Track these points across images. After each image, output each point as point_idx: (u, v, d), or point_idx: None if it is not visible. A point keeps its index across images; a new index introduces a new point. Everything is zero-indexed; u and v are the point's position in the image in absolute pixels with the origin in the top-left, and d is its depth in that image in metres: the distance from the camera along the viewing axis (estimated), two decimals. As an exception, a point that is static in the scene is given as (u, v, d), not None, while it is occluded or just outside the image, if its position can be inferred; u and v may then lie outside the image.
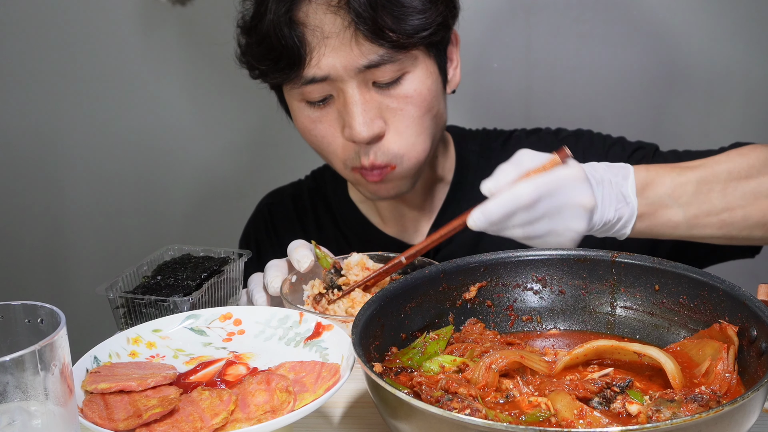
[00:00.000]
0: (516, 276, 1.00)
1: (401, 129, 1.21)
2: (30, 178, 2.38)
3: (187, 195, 2.36)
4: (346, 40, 1.15)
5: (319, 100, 1.21)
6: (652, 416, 0.76)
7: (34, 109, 2.32)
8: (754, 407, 0.71)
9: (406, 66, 1.19)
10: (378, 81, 1.19)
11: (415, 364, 0.89)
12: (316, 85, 1.19)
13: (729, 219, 1.09)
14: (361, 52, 1.16)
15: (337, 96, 1.20)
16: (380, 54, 1.16)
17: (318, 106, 1.22)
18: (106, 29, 2.23)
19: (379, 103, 1.20)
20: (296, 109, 1.25)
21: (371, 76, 1.18)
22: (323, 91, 1.20)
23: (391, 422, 0.76)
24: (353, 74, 1.17)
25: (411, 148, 1.23)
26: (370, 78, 1.18)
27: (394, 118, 1.21)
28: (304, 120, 1.24)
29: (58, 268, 2.46)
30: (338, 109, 1.21)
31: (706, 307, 0.90)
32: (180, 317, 0.98)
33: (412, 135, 1.22)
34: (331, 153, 1.25)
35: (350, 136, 1.19)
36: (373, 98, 1.19)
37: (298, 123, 1.26)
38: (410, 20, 1.16)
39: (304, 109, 1.24)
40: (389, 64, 1.17)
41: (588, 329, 0.99)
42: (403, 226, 1.42)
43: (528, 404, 0.81)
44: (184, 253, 1.21)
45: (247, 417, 0.80)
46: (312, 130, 1.24)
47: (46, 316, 0.70)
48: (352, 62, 1.16)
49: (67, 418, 0.69)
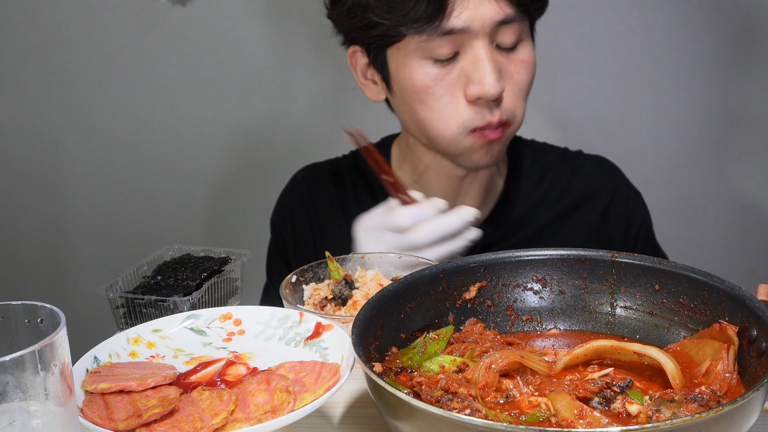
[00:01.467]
0: (516, 276, 1.00)
1: (515, 91, 1.27)
2: (30, 178, 2.38)
3: (187, 195, 2.36)
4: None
5: (446, 57, 1.23)
6: (652, 416, 0.76)
7: (33, 109, 2.32)
8: (754, 407, 0.71)
9: (522, 34, 1.26)
10: (501, 43, 1.24)
11: (415, 364, 0.89)
12: (449, 39, 1.22)
13: None
14: (499, 8, 1.21)
15: (464, 53, 1.23)
16: (514, 12, 1.22)
17: (443, 63, 1.24)
18: (106, 29, 2.23)
19: (501, 63, 1.25)
20: (415, 67, 1.25)
21: (497, 37, 1.23)
22: (453, 47, 1.23)
23: (391, 422, 0.76)
24: (486, 30, 1.21)
25: (519, 111, 1.29)
26: (494, 39, 1.23)
27: (510, 81, 1.26)
28: (424, 78, 1.25)
29: (58, 268, 2.46)
30: (463, 66, 1.24)
31: (706, 307, 0.90)
32: (180, 317, 0.98)
33: (521, 99, 1.29)
34: (448, 115, 1.26)
35: (480, 92, 1.22)
36: (497, 58, 1.24)
37: (415, 81, 1.26)
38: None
39: (425, 67, 1.25)
40: (516, 26, 1.23)
41: (588, 329, 0.99)
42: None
43: (528, 404, 0.81)
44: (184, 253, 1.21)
45: (247, 417, 0.80)
46: (432, 87, 1.25)
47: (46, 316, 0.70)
48: (490, 16, 1.20)
49: (67, 418, 0.69)
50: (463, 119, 1.26)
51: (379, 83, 1.35)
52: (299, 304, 1.09)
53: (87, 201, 2.38)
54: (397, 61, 1.27)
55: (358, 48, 1.33)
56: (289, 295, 1.09)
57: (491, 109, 1.25)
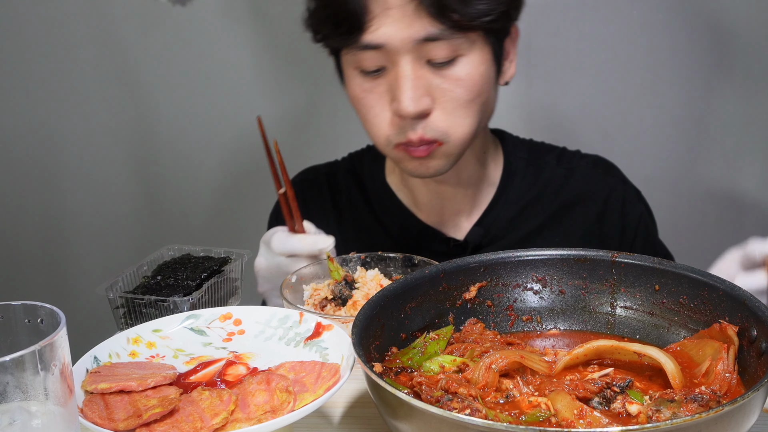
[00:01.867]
0: (516, 276, 1.00)
1: (448, 109, 1.23)
2: (30, 178, 2.38)
3: (186, 195, 2.36)
4: (407, 13, 1.17)
5: (372, 70, 1.23)
6: (652, 416, 0.76)
7: (33, 108, 2.32)
8: (754, 407, 0.71)
9: (462, 49, 1.21)
10: (432, 59, 1.20)
11: (415, 364, 0.89)
12: (371, 54, 1.21)
13: None
14: (422, 26, 1.17)
15: (390, 69, 1.22)
16: (439, 29, 1.18)
17: (371, 76, 1.23)
18: (106, 29, 2.23)
19: (430, 81, 1.21)
20: (350, 76, 1.27)
21: (426, 53, 1.19)
22: (377, 62, 1.21)
23: (391, 422, 0.76)
24: (409, 47, 1.18)
25: (457, 128, 1.25)
26: (425, 55, 1.20)
27: (443, 98, 1.23)
28: (356, 88, 1.26)
29: (58, 268, 2.46)
30: (389, 82, 1.22)
31: (706, 307, 0.90)
32: (180, 317, 0.98)
33: (459, 117, 1.24)
34: (377, 126, 1.26)
35: (397, 109, 1.21)
36: (425, 75, 1.21)
37: (350, 91, 1.28)
38: (475, 3, 1.19)
39: (357, 78, 1.25)
40: (445, 43, 1.19)
41: (588, 329, 0.99)
42: (441, 217, 1.43)
43: (528, 404, 0.81)
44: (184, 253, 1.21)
45: (247, 417, 0.80)
46: (362, 99, 1.26)
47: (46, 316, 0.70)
48: (410, 35, 1.18)
49: (67, 418, 0.69)
50: (388, 133, 1.25)
51: None
52: (299, 304, 1.09)
53: (87, 201, 2.38)
54: (344, 68, 1.29)
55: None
56: (289, 295, 1.09)
57: (413, 127, 1.22)
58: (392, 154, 1.29)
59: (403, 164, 1.29)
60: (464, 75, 1.22)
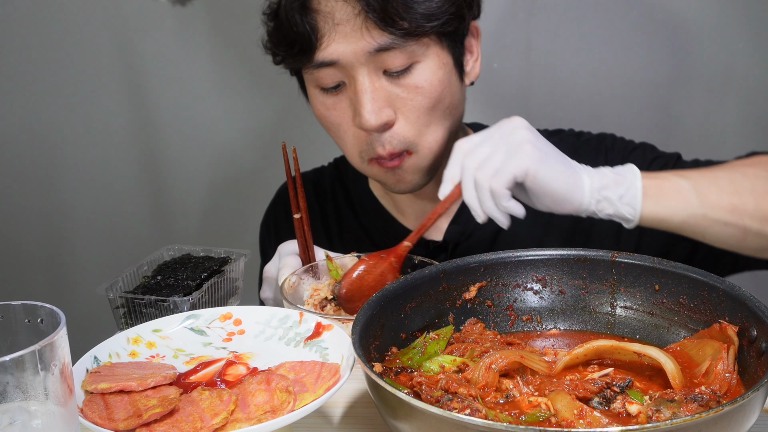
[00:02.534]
0: (516, 276, 1.00)
1: (412, 119, 1.22)
2: (30, 178, 2.38)
3: (186, 195, 2.36)
4: (356, 27, 1.16)
5: (331, 87, 1.22)
6: (652, 416, 0.76)
7: (33, 108, 2.32)
8: (754, 407, 0.71)
9: (417, 55, 1.20)
10: (388, 69, 1.19)
11: (415, 364, 0.89)
12: (327, 71, 1.20)
13: (740, 205, 1.06)
14: (372, 38, 1.16)
15: (348, 83, 1.21)
16: (390, 39, 1.17)
17: (331, 92, 1.23)
18: (106, 29, 2.23)
19: (389, 92, 1.20)
20: (312, 95, 1.27)
21: (381, 63, 1.19)
22: (335, 78, 1.21)
23: (391, 422, 0.76)
24: (363, 60, 1.18)
25: (423, 137, 1.24)
26: (380, 66, 1.19)
27: (404, 108, 1.21)
28: (319, 106, 1.26)
29: (58, 268, 2.46)
30: (350, 96, 1.22)
31: (706, 307, 0.90)
32: (180, 317, 0.98)
33: (423, 125, 1.23)
34: (346, 142, 1.26)
35: (359, 123, 1.20)
36: (383, 87, 1.20)
37: (314, 109, 1.28)
38: (421, 9, 1.17)
39: (318, 96, 1.25)
40: (399, 51, 1.18)
41: (588, 329, 0.99)
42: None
43: (528, 404, 0.81)
44: (184, 253, 1.21)
45: (247, 417, 0.80)
46: (327, 116, 1.26)
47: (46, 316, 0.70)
48: (362, 47, 1.17)
49: (67, 418, 0.69)
50: (359, 149, 1.25)
51: None
52: (299, 304, 1.09)
53: (87, 201, 2.38)
54: (307, 87, 1.29)
55: None
56: (289, 295, 1.09)
57: (379, 141, 1.22)
58: (368, 171, 1.28)
59: (381, 180, 1.29)
60: (422, 81, 1.20)
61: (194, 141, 2.31)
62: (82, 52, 2.25)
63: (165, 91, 2.27)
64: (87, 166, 2.35)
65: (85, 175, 2.36)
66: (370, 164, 1.26)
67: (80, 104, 2.30)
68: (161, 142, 2.32)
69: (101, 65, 2.26)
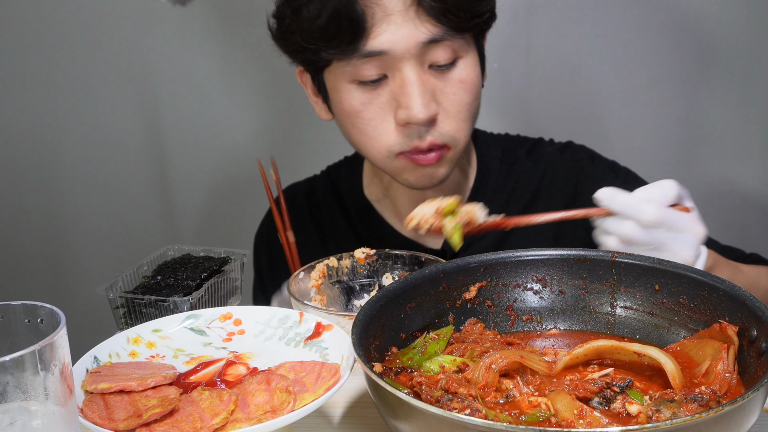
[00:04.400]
0: (516, 276, 1.00)
1: (452, 113, 1.22)
2: (30, 178, 2.38)
3: (186, 195, 2.36)
4: (408, 18, 1.16)
5: (372, 80, 1.20)
6: (652, 416, 0.76)
7: (33, 108, 2.32)
8: (754, 407, 0.71)
9: (461, 51, 1.21)
10: (434, 62, 1.20)
11: (415, 364, 0.89)
12: (373, 62, 1.19)
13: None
14: (425, 29, 1.17)
15: (392, 77, 1.20)
16: (442, 31, 1.18)
17: (370, 86, 1.21)
18: (106, 29, 2.23)
19: (434, 85, 1.21)
20: (344, 91, 1.23)
21: (428, 57, 1.19)
22: (379, 70, 1.20)
23: (391, 422, 0.76)
24: (413, 52, 1.17)
25: (461, 132, 1.25)
26: (426, 59, 1.19)
27: (446, 102, 1.22)
28: (352, 102, 1.23)
29: (58, 268, 2.46)
30: (392, 90, 1.21)
31: (706, 307, 0.90)
32: (180, 317, 0.98)
33: (462, 119, 1.24)
34: (376, 138, 1.24)
35: (407, 117, 1.19)
36: (429, 80, 1.20)
37: (343, 106, 1.24)
38: (474, 4, 1.19)
39: (353, 91, 1.22)
40: (446, 45, 1.19)
41: (588, 329, 0.99)
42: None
43: (528, 404, 0.81)
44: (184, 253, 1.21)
45: (247, 417, 0.80)
46: (361, 112, 1.23)
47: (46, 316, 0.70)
48: (413, 39, 1.17)
49: (67, 418, 0.69)
50: (390, 143, 1.23)
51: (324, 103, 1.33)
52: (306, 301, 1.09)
53: (87, 201, 2.38)
54: (330, 84, 1.26)
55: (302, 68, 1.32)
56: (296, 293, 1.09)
57: (421, 134, 1.21)
58: (393, 165, 1.26)
59: (404, 175, 1.27)
60: (465, 77, 1.22)
61: (194, 141, 2.31)
62: (83, 52, 2.25)
63: (165, 91, 2.27)
64: (87, 167, 2.35)
65: (85, 175, 2.36)
66: (398, 158, 1.24)
67: (80, 104, 2.30)
68: (161, 143, 2.32)
69: (102, 65, 2.26)
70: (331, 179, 1.50)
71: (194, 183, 2.35)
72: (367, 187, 1.45)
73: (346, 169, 1.49)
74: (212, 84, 2.26)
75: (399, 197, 1.39)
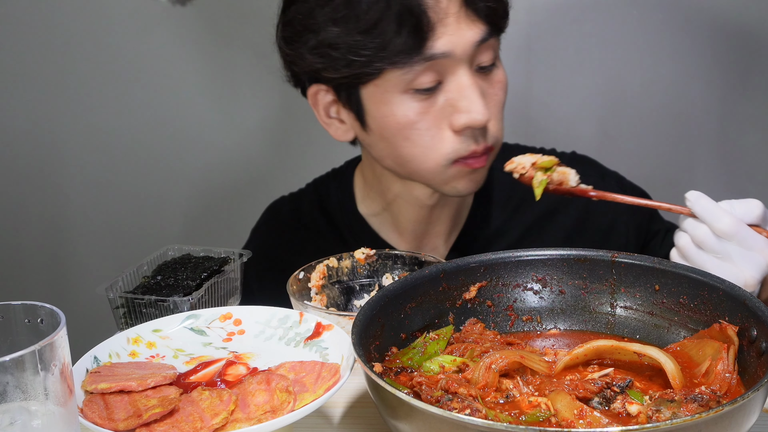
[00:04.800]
0: (516, 276, 1.00)
1: (495, 114, 1.23)
2: (30, 178, 2.38)
3: (186, 195, 2.36)
4: (460, 18, 1.17)
5: (429, 87, 1.18)
6: (652, 416, 0.76)
7: (33, 109, 2.32)
8: (754, 407, 0.71)
9: (498, 51, 1.23)
10: (481, 64, 1.20)
11: (415, 364, 0.89)
12: (431, 68, 1.16)
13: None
14: (477, 29, 1.17)
15: (446, 82, 1.19)
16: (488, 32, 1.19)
17: (426, 94, 1.18)
18: (106, 29, 2.23)
19: (483, 88, 1.21)
20: (397, 103, 1.19)
21: (477, 59, 1.19)
22: (435, 76, 1.18)
23: (391, 422, 0.76)
24: (468, 54, 1.18)
25: (501, 132, 1.25)
26: (475, 62, 1.20)
27: (491, 103, 1.22)
28: (407, 113, 1.19)
29: (58, 268, 2.46)
30: (447, 97, 1.19)
31: (706, 307, 0.90)
32: (180, 317, 0.98)
33: (500, 120, 1.25)
34: (432, 148, 1.21)
35: (469, 120, 1.17)
36: (478, 83, 1.20)
37: (397, 118, 1.20)
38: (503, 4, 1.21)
39: (408, 101, 1.18)
40: (490, 45, 1.20)
41: (588, 329, 0.99)
42: (420, 242, 1.38)
43: (528, 404, 0.81)
44: (184, 253, 1.21)
45: (247, 417, 0.80)
46: (417, 123, 1.19)
47: (46, 316, 0.70)
48: (469, 39, 1.17)
49: (67, 418, 0.69)
50: (447, 151, 1.20)
51: (349, 122, 1.27)
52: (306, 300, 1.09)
53: (87, 201, 2.38)
54: (375, 98, 1.20)
55: (323, 87, 1.25)
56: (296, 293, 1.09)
57: (476, 138, 1.20)
58: (445, 175, 1.23)
59: (453, 183, 1.24)
60: (502, 77, 1.24)
61: (194, 141, 2.31)
62: (83, 52, 2.25)
63: (165, 92, 2.27)
64: (87, 166, 2.35)
65: (85, 175, 2.36)
66: (454, 165, 1.22)
67: (80, 104, 2.30)
68: (161, 143, 2.32)
69: (102, 65, 2.26)
70: (318, 195, 1.45)
71: (194, 183, 2.35)
72: (361, 203, 1.40)
73: (335, 184, 1.44)
74: (212, 84, 2.26)
75: (403, 212, 1.35)
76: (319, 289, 1.13)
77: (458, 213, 1.38)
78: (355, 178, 1.42)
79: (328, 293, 1.14)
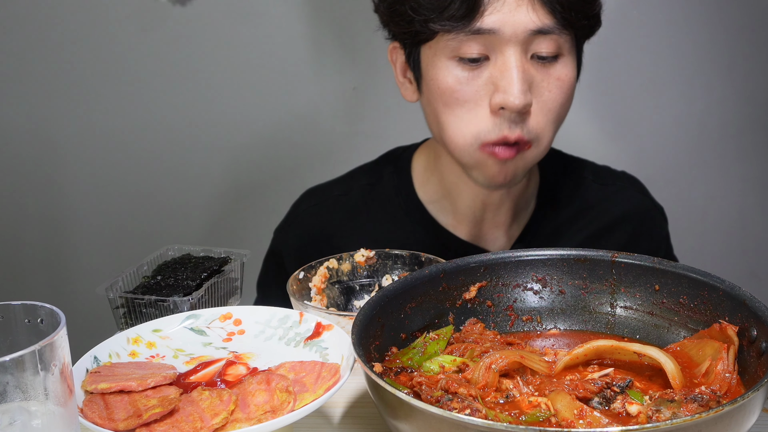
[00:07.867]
0: (516, 276, 1.00)
1: (544, 110, 1.21)
2: (30, 178, 2.38)
3: (187, 195, 2.36)
4: (523, 3, 1.16)
5: (474, 58, 1.18)
6: (652, 416, 0.76)
7: (33, 108, 2.32)
8: (754, 407, 0.71)
9: (564, 48, 1.20)
10: (537, 53, 1.19)
11: (415, 364, 0.89)
12: (478, 40, 1.17)
13: None
14: (537, 17, 1.16)
15: (494, 59, 1.19)
16: (552, 23, 1.17)
17: (471, 65, 1.19)
18: (106, 29, 2.23)
19: (533, 76, 1.19)
20: (442, 66, 1.21)
21: (533, 46, 1.18)
22: (482, 49, 1.18)
23: (391, 422, 0.76)
24: (520, 38, 1.16)
25: (546, 132, 1.23)
26: (531, 49, 1.18)
27: (541, 97, 1.20)
28: (450, 80, 1.21)
29: (58, 268, 2.46)
30: (492, 73, 1.19)
31: (706, 307, 0.90)
32: (180, 317, 0.98)
33: (550, 120, 1.22)
34: (467, 121, 1.21)
35: (503, 101, 1.17)
36: (529, 70, 1.19)
37: (439, 82, 1.22)
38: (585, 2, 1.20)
39: (452, 68, 1.20)
40: (553, 38, 1.18)
41: (588, 329, 0.99)
42: (479, 232, 1.37)
43: (528, 404, 0.81)
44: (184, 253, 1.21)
45: (247, 417, 0.80)
46: (457, 91, 1.20)
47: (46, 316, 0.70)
48: (525, 24, 1.16)
49: (67, 418, 0.69)
50: (479, 129, 1.20)
51: (413, 82, 1.31)
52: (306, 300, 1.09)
53: (87, 201, 2.38)
54: (428, 60, 1.23)
55: (398, 44, 1.29)
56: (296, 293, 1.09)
57: (511, 125, 1.19)
58: (472, 157, 1.23)
59: (480, 170, 1.24)
60: (564, 75, 1.21)
61: (194, 141, 2.31)
62: (83, 52, 2.25)
63: (165, 92, 2.27)
64: (87, 166, 2.35)
65: (85, 175, 2.36)
66: (481, 149, 1.21)
67: (80, 104, 2.30)
68: (161, 143, 2.32)
69: (102, 65, 2.26)
70: (370, 180, 1.43)
71: (194, 183, 2.35)
72: (420, 188, 1.39)
73: (388, 169, 1.43)
74: (212, 84, 2.26)
75: (463, 197, 1.35)
76: (319, 290, 1.13)
77: (519, 206, 1.37)
78: (414, 163, 1.42)
79: (328, 293, 1.14)
